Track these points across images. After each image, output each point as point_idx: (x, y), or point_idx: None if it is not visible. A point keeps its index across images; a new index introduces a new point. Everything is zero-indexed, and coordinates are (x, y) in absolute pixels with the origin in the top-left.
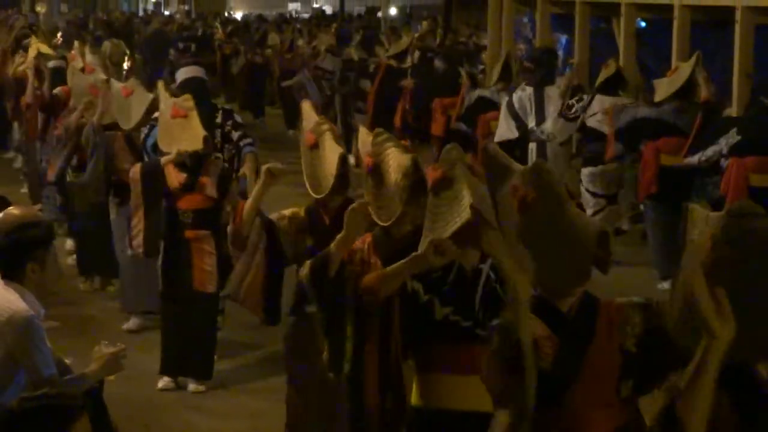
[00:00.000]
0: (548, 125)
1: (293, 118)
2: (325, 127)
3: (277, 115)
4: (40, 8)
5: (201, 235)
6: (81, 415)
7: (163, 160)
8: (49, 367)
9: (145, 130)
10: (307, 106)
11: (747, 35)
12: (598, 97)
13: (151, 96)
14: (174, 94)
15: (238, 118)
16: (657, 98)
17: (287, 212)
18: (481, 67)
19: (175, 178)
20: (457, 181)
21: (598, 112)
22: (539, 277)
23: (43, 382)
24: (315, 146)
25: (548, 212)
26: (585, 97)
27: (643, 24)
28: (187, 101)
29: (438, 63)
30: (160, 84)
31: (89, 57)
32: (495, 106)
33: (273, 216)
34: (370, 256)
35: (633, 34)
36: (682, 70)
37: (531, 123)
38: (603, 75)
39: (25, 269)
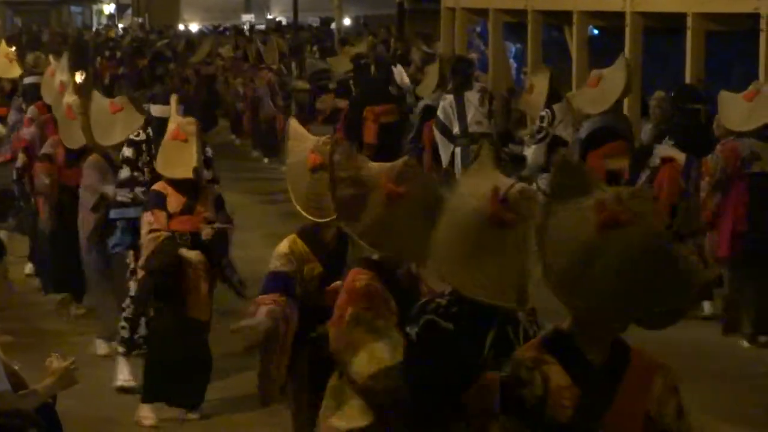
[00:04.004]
0: (530, 158)
1: (239, 127)
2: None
3: (225, 126)
4: None
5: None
6: None
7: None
8: (1, 383)
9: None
10: (294, 123)
11: (698, 41)
12: (555, 108)
13: (141, 118)
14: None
15: None
16: (590, 111)
17: (285, 250)
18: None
19: (174, 199)
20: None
21: (562, 119)
22: (599, 307)
23: None
24: (319, 168)
25: (644, 239)
26: (544, 114)
27: (596, 31)
28: (190, 125)
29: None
30: (174, 99)
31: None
32: None
33: (274, 265)
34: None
35: (585, 41)
36: (611, 79)
37: (455, 128)
38: (543, 90)
39: None
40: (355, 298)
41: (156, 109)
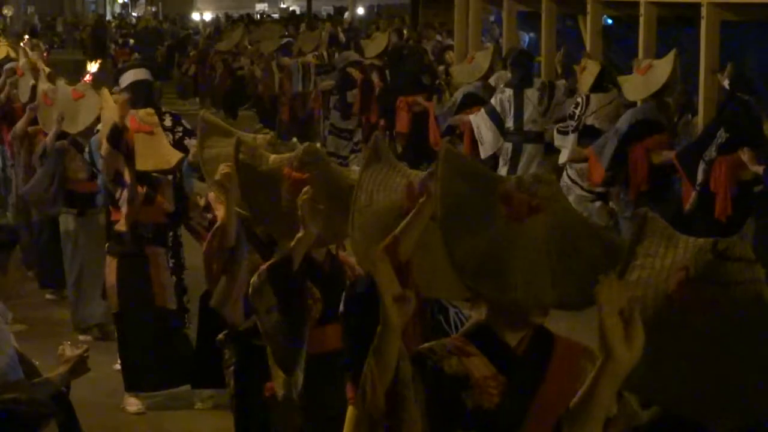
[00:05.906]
0: (565, 153)
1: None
2: None
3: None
4: (7, 11)
5: (158, 251)
6: (48, 422)
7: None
8: (15, 372)
9: (93, 144)
10: (207, 115)
11: (713, 31)
12: (592, 96)
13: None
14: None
15: (188, 124)
16: (631, 98)
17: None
18: (441, 67)
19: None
20: None
21: (596, 110)
22: (520, 299)
23: (9, 387)
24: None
25: (558, 222)
26: (579, 100)
27: (610, 21)
28: (151, 116)
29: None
30: (104, 91)
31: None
32: (482, 102)
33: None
34: None
35: (600, 31)
36: (658, 70)
37: (508, 123)
38: (590, 76)
39: None
40: None
41: (129, 75)
